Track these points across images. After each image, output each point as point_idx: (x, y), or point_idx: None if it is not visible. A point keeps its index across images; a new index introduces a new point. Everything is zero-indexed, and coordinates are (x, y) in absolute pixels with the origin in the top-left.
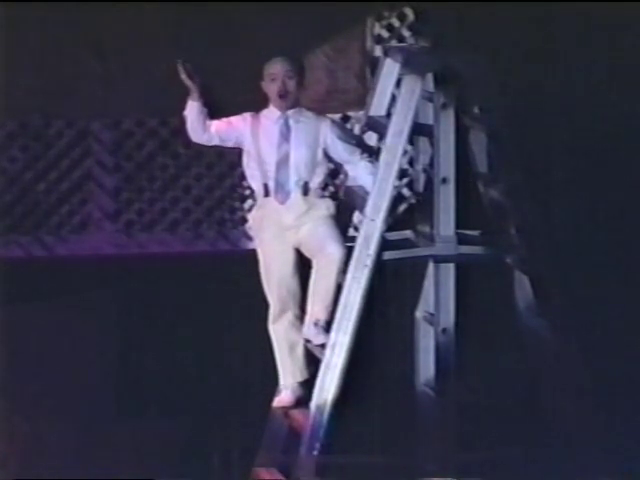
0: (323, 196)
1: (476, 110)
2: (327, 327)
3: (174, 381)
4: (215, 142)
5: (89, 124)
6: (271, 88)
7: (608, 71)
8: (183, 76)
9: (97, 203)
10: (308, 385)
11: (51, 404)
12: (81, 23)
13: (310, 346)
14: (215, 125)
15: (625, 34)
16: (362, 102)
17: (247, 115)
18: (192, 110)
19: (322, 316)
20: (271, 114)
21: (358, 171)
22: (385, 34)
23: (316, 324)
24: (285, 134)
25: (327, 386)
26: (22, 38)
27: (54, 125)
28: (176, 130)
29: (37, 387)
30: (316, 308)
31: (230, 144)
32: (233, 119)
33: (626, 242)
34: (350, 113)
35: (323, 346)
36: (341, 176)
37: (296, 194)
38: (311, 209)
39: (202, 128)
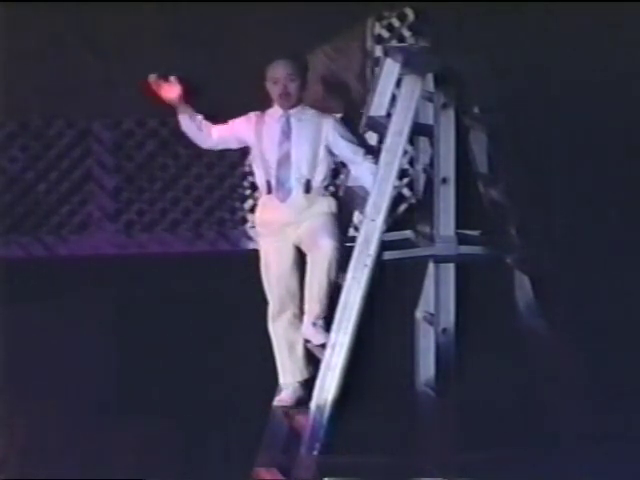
0: (325, 194)
1: (476, 110)
2: (326, 327)
3: (174, 381)
4: (221, 146)
5: (89, 124)
6: (273, 90)
7: (609, 70)
8: (160, 93)
9: (97, 203)
10: (308, 385)
11: (51, 404)
12: (81, 23)
13: (310, 346)
14: (217, 131)
15: (626, 33)
16: (362, 102)
17: (252, 115)
18: (184, 123)
19: (317, 311)
20: (274, 113)
21: (361, 171)
22: (385, 34)
23: (315, 324)
24: (286, 132)
25: (327, 386)
26: (22, 38)
27: (54, 125)
28: (176, 130)
29: (37, 387)
30: (312, 304)
31: (234, 145)
32: (237, 121)
33: (626, 242)
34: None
35: (323, 346)
36: (341, 176)
37: (297, 192)
38: (312, 207)
39: (202, 136)
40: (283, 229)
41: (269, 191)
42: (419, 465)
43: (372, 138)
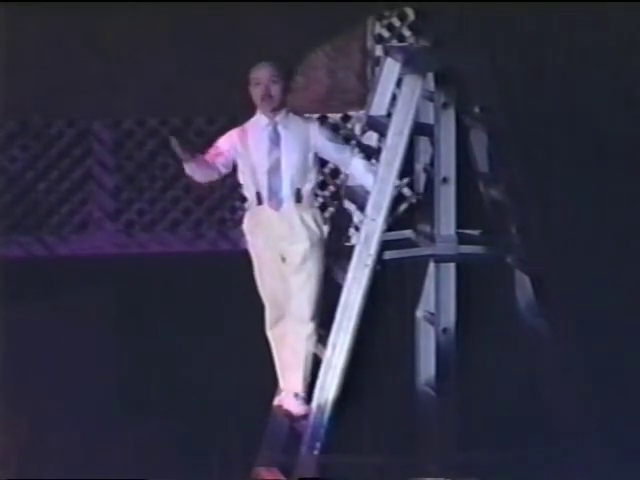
0: (314, 206)
1: (477, 109)
2: (308, 398)
3: (174, 381)
4: (225, 172)
5: (90, 124)
6: (255, 92)
7: (609, 70)
8: (177, 149)
9: (98, 203)
10: (308, 385)
11: (51, 404)
12: (82, 23)
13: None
14: (216, 160)
15: (627, 33)
16: (363, 102)
17: (232, 132)
18: (191, 169)
19: (296, 383)
20: (259, 121)
21: (352, 170)
22: (386, 34)
23: (297, 395)
24: (275, 140)
25: (328, 386)
26: (22, 38)
27: (55, 125)
28: (176, 130)
29: (37, 387)
30: (290, 376)
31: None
32: (222, 147)
33: (627, 241)
34: (351, 113)
35: (304, 417)
36: (341, 176)
37: (289, 201)
38: (304, 226)
39: (208, 173)
40: (275, 241)
41: (260, 202)
42: (419, 465)
43: (372, 138)
